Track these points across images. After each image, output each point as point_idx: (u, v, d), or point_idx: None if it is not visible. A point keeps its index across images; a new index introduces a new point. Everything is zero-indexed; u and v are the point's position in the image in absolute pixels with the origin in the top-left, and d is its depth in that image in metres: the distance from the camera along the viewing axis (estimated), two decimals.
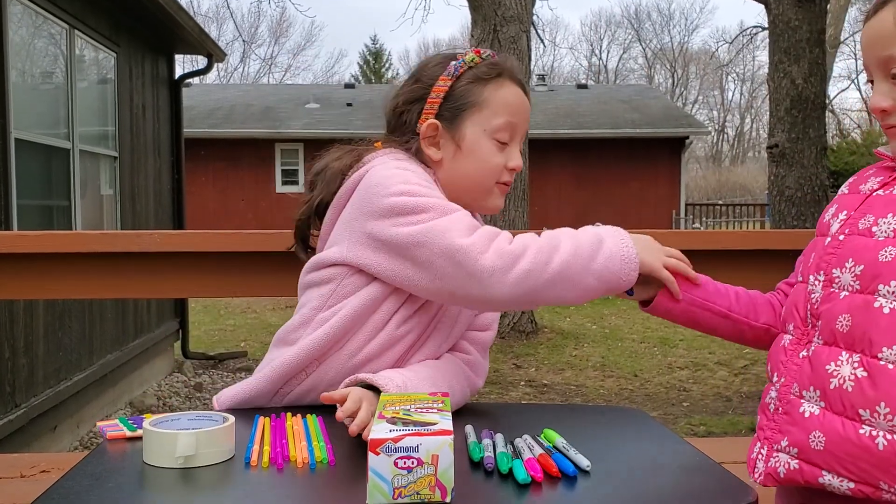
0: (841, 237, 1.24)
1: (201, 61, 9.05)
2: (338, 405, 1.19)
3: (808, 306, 1.25)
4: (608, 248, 1.26)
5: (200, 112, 18.22)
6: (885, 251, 1.15)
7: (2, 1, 4.73)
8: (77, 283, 2.07)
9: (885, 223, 1.18)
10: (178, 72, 8.68)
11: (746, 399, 6.64)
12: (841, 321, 1.18)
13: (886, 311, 1.13)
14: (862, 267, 1.17)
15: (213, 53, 8.78)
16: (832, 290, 1.22)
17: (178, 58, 8.75)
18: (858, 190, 1.30)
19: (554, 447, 1.11)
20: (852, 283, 1.18)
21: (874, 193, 1.25)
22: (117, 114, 6.88)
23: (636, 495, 0.97)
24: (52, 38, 5.80)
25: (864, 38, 1.24)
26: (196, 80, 15.48)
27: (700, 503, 0.96)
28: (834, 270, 1.22)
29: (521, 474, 0.99)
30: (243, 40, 38.48)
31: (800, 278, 1.32)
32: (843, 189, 1.36)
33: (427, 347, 1.40)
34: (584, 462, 1.04)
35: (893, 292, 1.14)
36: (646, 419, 1.34)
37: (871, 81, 1.26)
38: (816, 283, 1.24)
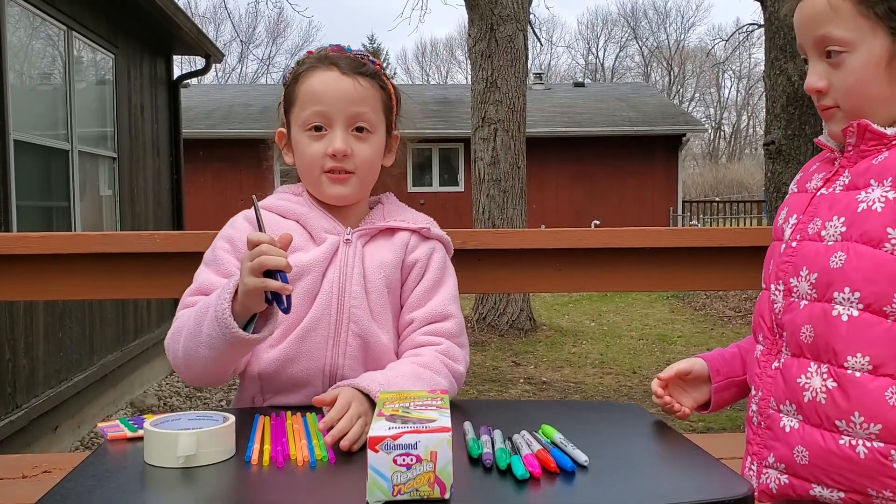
0: (794, 244, 1.24)
1: (199, 62, 9.05)
2: (324, 410, 1.21)
3: (773, 316, 1.25)
4: (211, 313, 1.25)
5: (199, 112, 18.22)
6: (835, 257, 1.16)
7: (0, 2, 4.74)
8: (78, 284, 2.08)
9: (831, 227, 1.18)
10: (177, 72, 8.68)
11: None
12: (804, 332, 1.18)
13: (844, 318, 1.14)
14: (816, 275, 1.18)
15: (212, 54, 8.78)
16: (792, 299, 1.22)
17: (176, 59, 8.76)
18: (805, 188, 1.29)
19: (552, 443, 1.12)
20: (809, 291, 1.18)
21: (819, 193, 1.25)
22: (116, 115, 6.88)
23: (634, 490, 0.98)
24: (50, 39, 5.80)
25: (798, 18, 1.23)
26: (194, 80, 15.47)
27: (698, 497, 0.97)
28: (791, 280, 1.22)
29: (520, 470, 1.00)
30: (241, 41, 38.48)
31: (763, 286, 1.32)
32: (792, 187, 1.35)
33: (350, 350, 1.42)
34: (581, 457, 1.05)
35: (848, 299, 1.14)
36: (644, 414, 1.35)
37: (806, 61, 1.25)
38: (777, 292, 1.25)
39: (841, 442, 1.13)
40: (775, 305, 1.25)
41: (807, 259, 1.20)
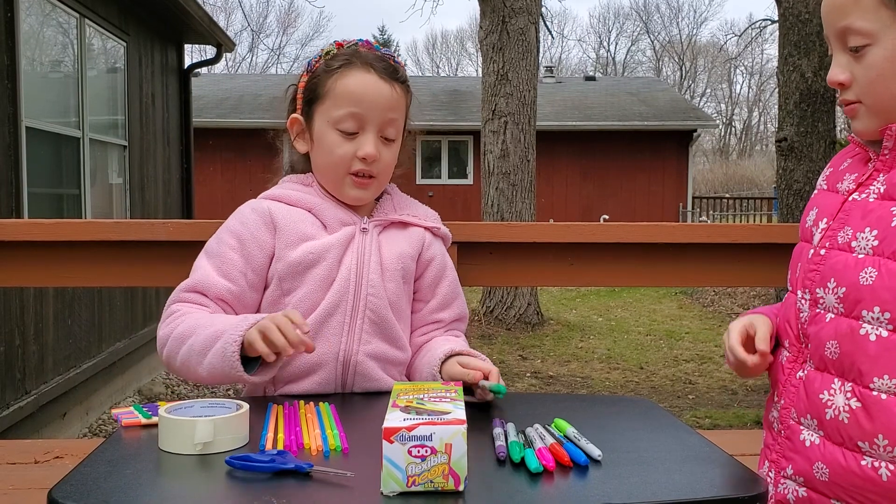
0: (822, 251, 1.19)
1: (210, 51, 9.05)
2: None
3: (799, 324, 1.22)
4: (219, 345, 1.29)
5: (209, 102, 18.22)
6: (865, 273, 1.11)
7: None
8: (89, 272, 2.08)
9: (863, 238, 1.13)
10: (188, 61, 8.68)
11: (752, 392, 6.64)
12: (829, 347, 1.15)
13: (872, 338, 1.10)
14: (844, 289, 1.13)
15: (223, 43, 8.78)
16: (817, 310, 1.18)
17: (187, 47, 8.76)
18: (836, 188, 1.24)
19: (565, 436, 1.12)
20: (836, 305, 1.15)
21: (851, 197, 1.19)
22: (127, 103, 6.89)
23: (647, 485, 0.98)
24: (63, 27, 5.81)
25: (824, 8, 1.20)
26: (204, 69, 15.48)
27: (711, 493, 0.97)
28: (818, 290, 1.18)
29: (533, 463, 1.00)
30: (252, 30, 38.48)
31: (789, 287, 1.29)
32: (821, 183, 1.30)
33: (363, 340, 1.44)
34: (595, 452, 1.05)
35: (877, 318, 1.10)
36: (656, 409, 1.34)
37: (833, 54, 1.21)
38: (804, 300, 1.21)
39: (863, 463, 1.11)
40: (801, 314, 1.21)
41: (835, 270, 1.15)
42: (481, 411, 1.28)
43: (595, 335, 9.09)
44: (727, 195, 23.52)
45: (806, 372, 1.20)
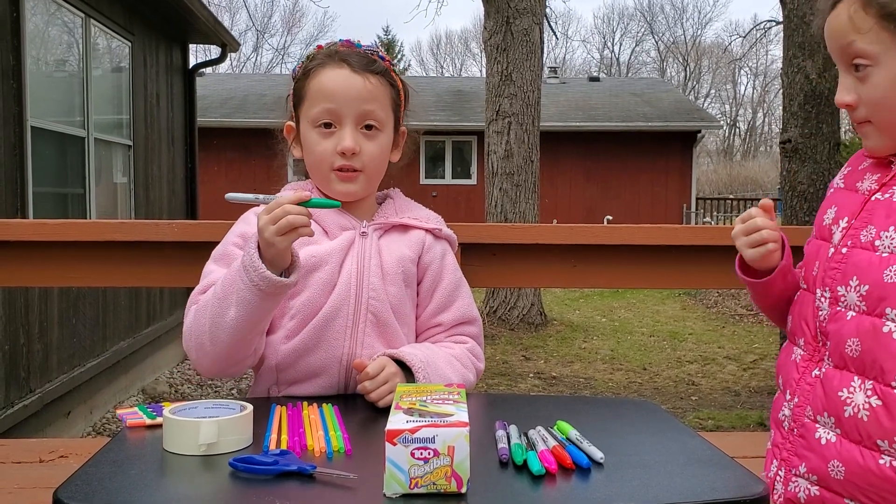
0: (844, 250, 1.20)
1: (215, 51, 9.08)
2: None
3: (817, 323, 1.22)
4: (237, 266, 1.31)
5: (213, 101, 18.24)
6: (890, 270, 1.12)
7: None
8: (94, 272, 2.09)
9: (887, 237, 1.14)
10: (192, 61, 8.70)
11: (755, 394, 6.63)
12: (850, 345, 1.15)
13: None
14: (867, 287, 1.14)
15: (227, 43, 8.79)
16: (838, 308, 1.18)
17: (192, 47, 8.78)
18: (855, 187, 1.24)
19: (567, 439, 1.12)
20: (858, 303, 1.15)
21: (873, 197, 1.20)
22: (132, 102, 6.90)
23: (649, 487, 0.99)
24: (68, 26, 5.82)
25: (826, 33, 1.21)
26: (209, 69, 15.50)
27: (713, 495, 0.97)
28: (839, 288, 1.18)
29: (536, 466, 1.01)
30: (256, 30, 38.53)
31: (803, 285, 1.28)
32: (838, 182, 1.30)
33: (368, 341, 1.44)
34: (597, 454, 1.05)
35: None
36: (658, 411, 1.34)
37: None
38: (823, 299, 1.21)
39: (881, 462, 1.11)
40: (820, 312, 1.21)
41: (858, 268, 1.16)
42: (484, 413, 1.28)
43: (598, 336, 9.09)
44: (731, 196, 23.48)
45: (823, 370, 1.20)
